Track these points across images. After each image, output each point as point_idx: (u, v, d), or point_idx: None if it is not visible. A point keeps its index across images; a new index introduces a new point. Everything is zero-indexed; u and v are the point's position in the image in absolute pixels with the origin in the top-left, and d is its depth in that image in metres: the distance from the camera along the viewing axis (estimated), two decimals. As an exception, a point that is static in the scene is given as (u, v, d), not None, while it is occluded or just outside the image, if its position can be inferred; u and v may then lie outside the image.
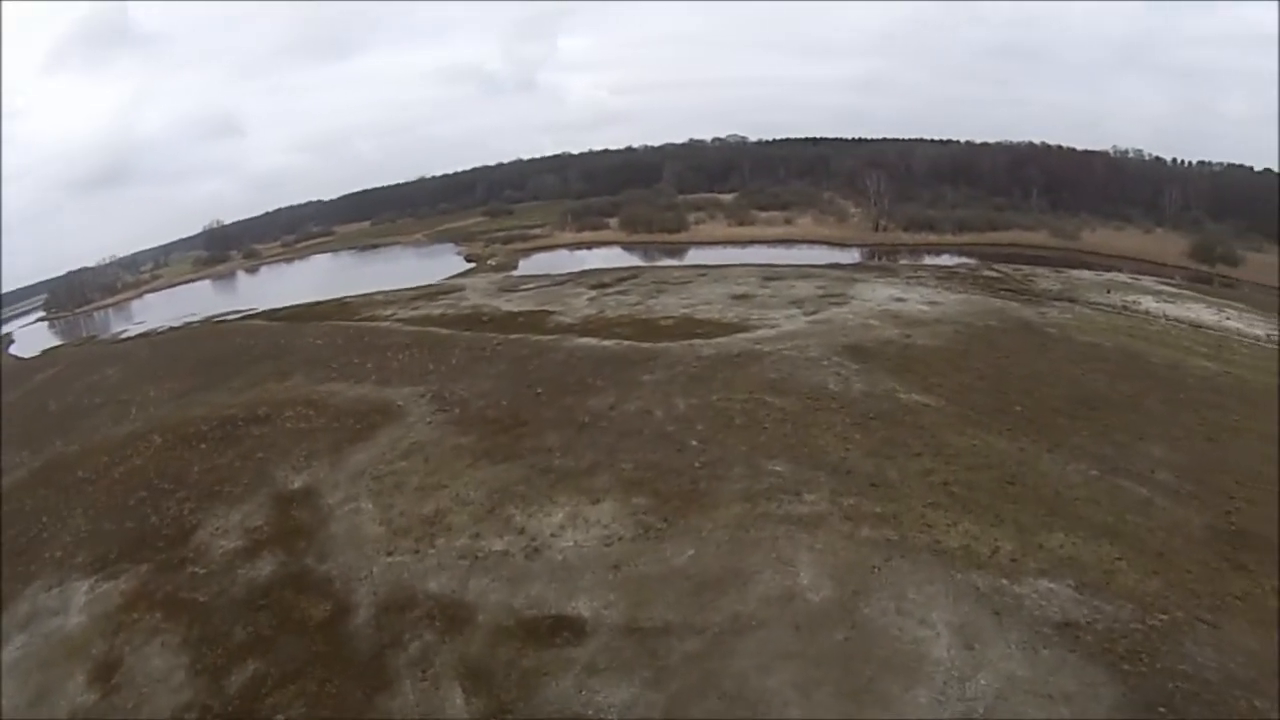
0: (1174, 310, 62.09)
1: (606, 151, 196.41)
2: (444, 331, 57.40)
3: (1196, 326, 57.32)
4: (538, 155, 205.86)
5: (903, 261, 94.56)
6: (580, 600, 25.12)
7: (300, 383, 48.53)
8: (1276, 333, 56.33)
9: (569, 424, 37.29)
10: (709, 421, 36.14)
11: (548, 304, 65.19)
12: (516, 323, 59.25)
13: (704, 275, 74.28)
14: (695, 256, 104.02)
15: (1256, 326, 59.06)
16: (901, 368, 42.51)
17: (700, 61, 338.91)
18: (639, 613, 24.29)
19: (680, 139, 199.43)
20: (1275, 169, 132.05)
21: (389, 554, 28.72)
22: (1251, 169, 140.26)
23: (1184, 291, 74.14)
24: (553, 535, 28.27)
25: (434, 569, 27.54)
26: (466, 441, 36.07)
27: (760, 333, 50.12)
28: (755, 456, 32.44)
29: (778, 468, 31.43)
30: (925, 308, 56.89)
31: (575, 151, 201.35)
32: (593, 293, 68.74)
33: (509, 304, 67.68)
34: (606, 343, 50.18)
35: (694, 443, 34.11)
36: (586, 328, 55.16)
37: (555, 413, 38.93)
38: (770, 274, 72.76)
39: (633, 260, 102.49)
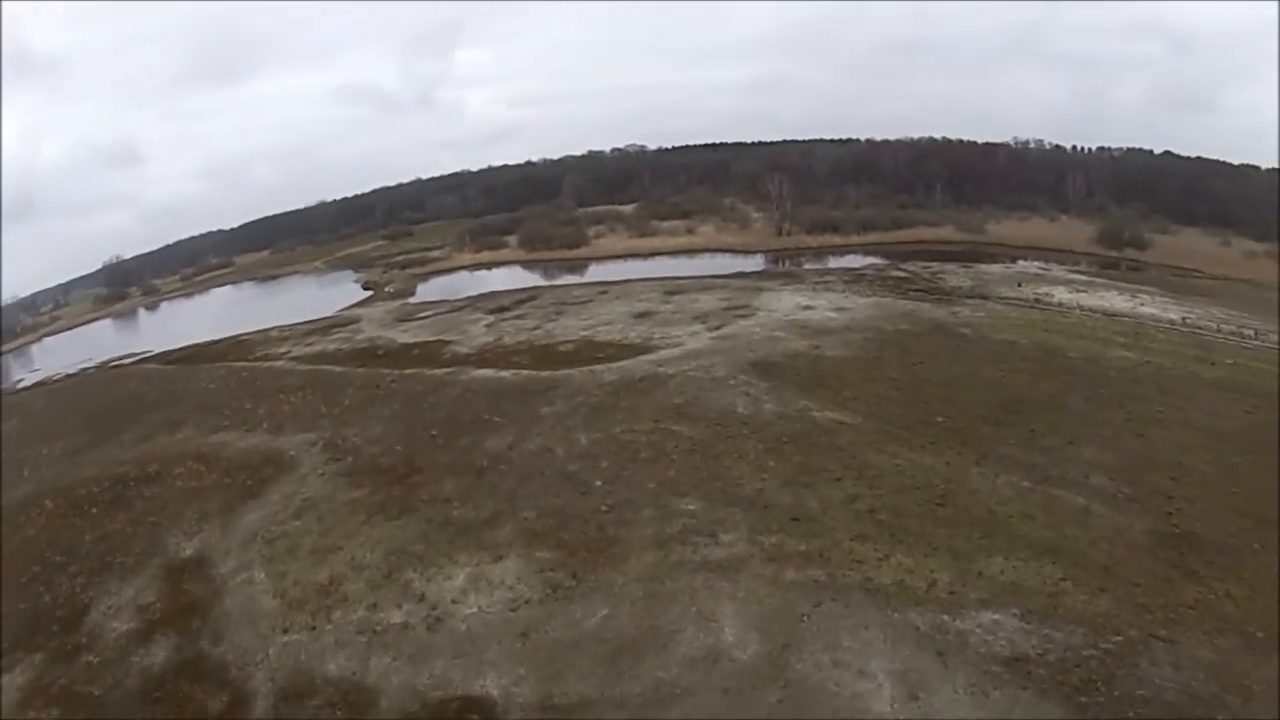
0: (1087, 300, 63.94)
1: (506, 167, 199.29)
2: (338, 369, 56.43)
3: (1111, 315, 59.02)
4: (437, 174, 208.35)
5: (808, 266, 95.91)
6: (488, 677, 23.66)
7: (192, 434, 47.41)
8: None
9: (466, 469, 36.09)
10: (613, 457, 35.11)
11: (444, 333, 64.00)
12: (412, 356, 57.97)
13: (604, 293, 74.16)
14: (596, 272, 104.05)
15: (1170, 310, 61.35)
16: (813, 383, 42.10)
17: (598, 71, 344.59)
18: (553, 687, 22.87)
19: (579, 151, 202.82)
20: (1175, 152, 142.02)
21: (285, 631, 27.13)
22: (1151, 152, 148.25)
23: (1095, 279, 76.99)
24: (454, 601, 26.86)
25: (332, 647, 25.95)
26: (360, 495, 35.23)
27: (664, 353, 49.54)
28: (665, 494, 31.39)
29: (690, 506, 30.37)
30: (834, 315, 57.06)
31: (475, 168, 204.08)
32: (490, 318, 67.93)
33: (405, 335, 66.39)
34: (504, 374, 49.24)
35: (599, 482, 33.00)
36: (484, 358, 54.22)
37: (452, 457, 37.72)
38: (673, 287, 72.90)
39: (533, 279, 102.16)
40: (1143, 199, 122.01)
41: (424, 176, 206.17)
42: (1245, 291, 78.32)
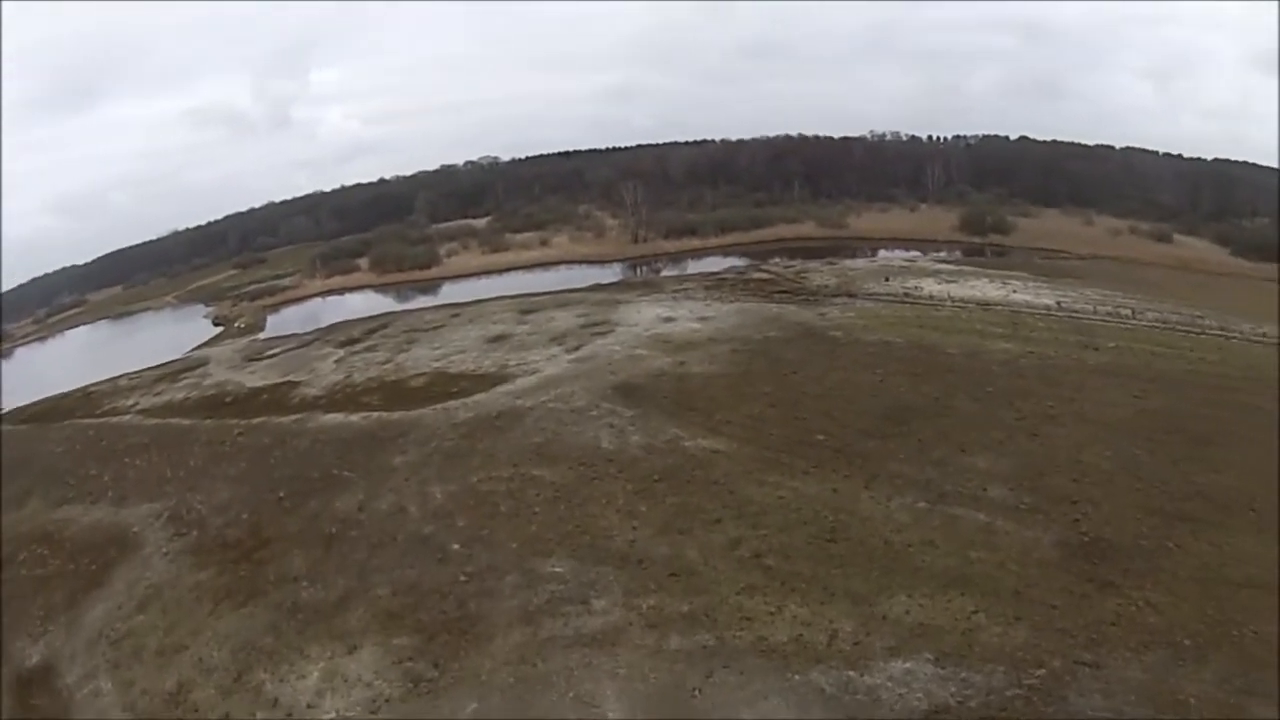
0: (958, 290, 65.50)
1: (358, 186, 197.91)
2: (185, 423, 53.95)
3: (985, 305, 60.55)
4: (290, 196, 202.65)
5: (667, 273, 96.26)
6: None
7: (37, 509, 45.20)
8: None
9: (315, 538, 34.10)
10: (471, 512, 33.41)
11: (293, 373, 61.38)
12: (260, 402, 55.47)
13: (457, 315, 72.30)
14: (450, 292, 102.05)
15: (1043, 295, 63.43)
16: (680, 405, 41.19)
17: (452, 84, 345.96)
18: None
19: (433, 166, 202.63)
20: (1030, 137, 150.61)
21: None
22: (1007, 138, 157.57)
23: (964, 268, 79.37)
24: (310, 705, 24.75)
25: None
26: (206, 577, 33.55)
27: (520, 382, 48.24)
28: (529, 555, 29.73)
29: (557, 568, 28.75)
30: (697, 325, 56.60)
31: (328, 189, 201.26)
32: (340, 352, 65.46)
33: (253, 377, 63.34)
34: (354, 418, 47.22)
35: (456, 546, 31.21)
36: (333, 400, 52.11)
37: (300, 523, 35.70)
38: (528, 305, 71.76)
39: (386, 303, 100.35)
40: (1001, 184, 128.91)
41: (277, 199, 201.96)
42: (1115, 270, 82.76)
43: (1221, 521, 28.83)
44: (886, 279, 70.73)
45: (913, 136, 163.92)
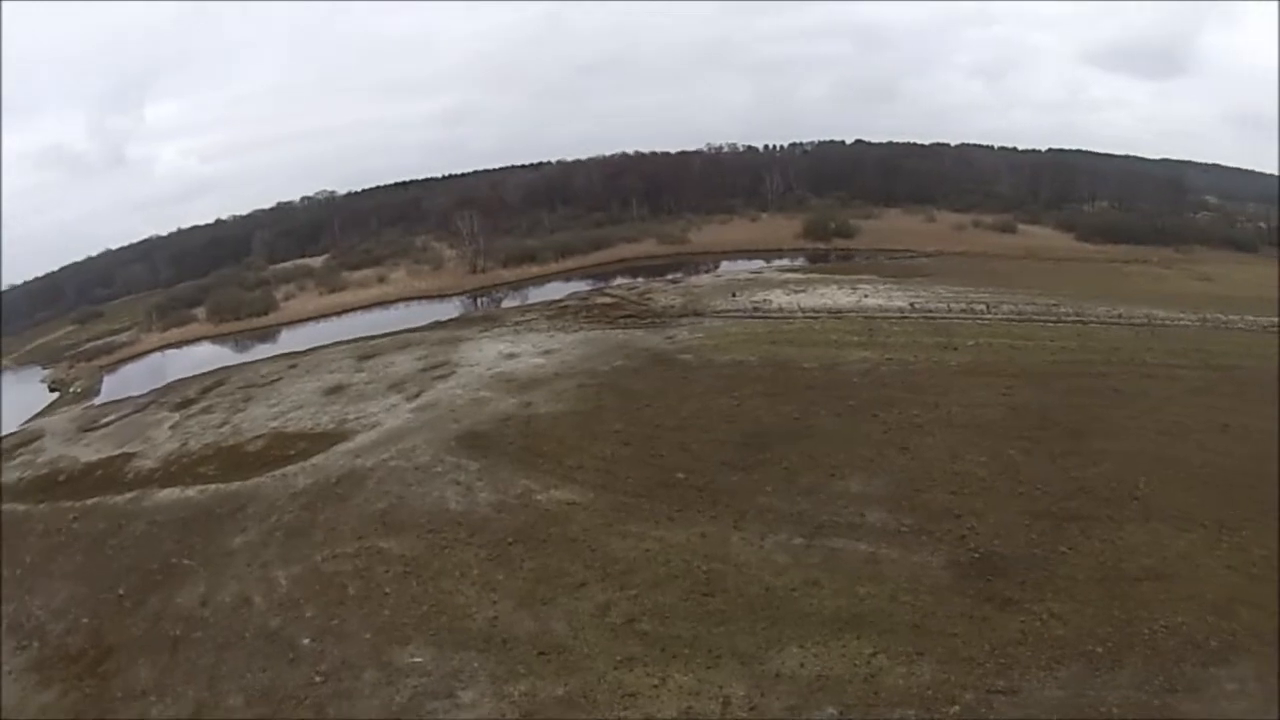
0: (808, 300, 66.24)
1: (195, 228, 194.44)
2: (20, 508, 50.56)
3: (837, 313, 61.35)
4: (126, 242, 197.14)
5: (508, 304, 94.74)
6: None
7: None
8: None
9: (160, 642, 31.70)
10: (318, 599, 31.31)
11: (128, 443, 57.51)
12: (94, 479, 51.83)
13: (294, 366, 69.02)
14: (289, 339, 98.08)
15: (896, 298, 64.82)
16: (529, 452, 39.81)
17: (290, 114, 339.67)
18: None
19: (269, 204, 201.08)
20: (866, 140, 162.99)
21: None
22: (843, 143, 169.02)
23: (811, 275, 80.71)
24: None
25: None
26: (52, 698, 31.26)
27: (361, 438, 46.07)
28: (385, 645, 27.85)
29: (417, 658, 26.96)
30: (540, 360, 55.43)
31: (164, 232, 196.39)
32: (175, 416, 61.87)
33: (88, 450, 58.99)
34: (191, 492, 44.45)
35: (307, 640, 29.08)
36: (169, 473, 48.93)
37: (143, 625, 33.23)
38: (366, 350, 69.25)
39: (224, 354, 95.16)
40: (841, 188, 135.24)
41: (114, 246, 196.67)
42: (963, 265, 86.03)
43: (1109, 516, 29.56)
44: (733, 294, 70.95)
45: (750, 147, 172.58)
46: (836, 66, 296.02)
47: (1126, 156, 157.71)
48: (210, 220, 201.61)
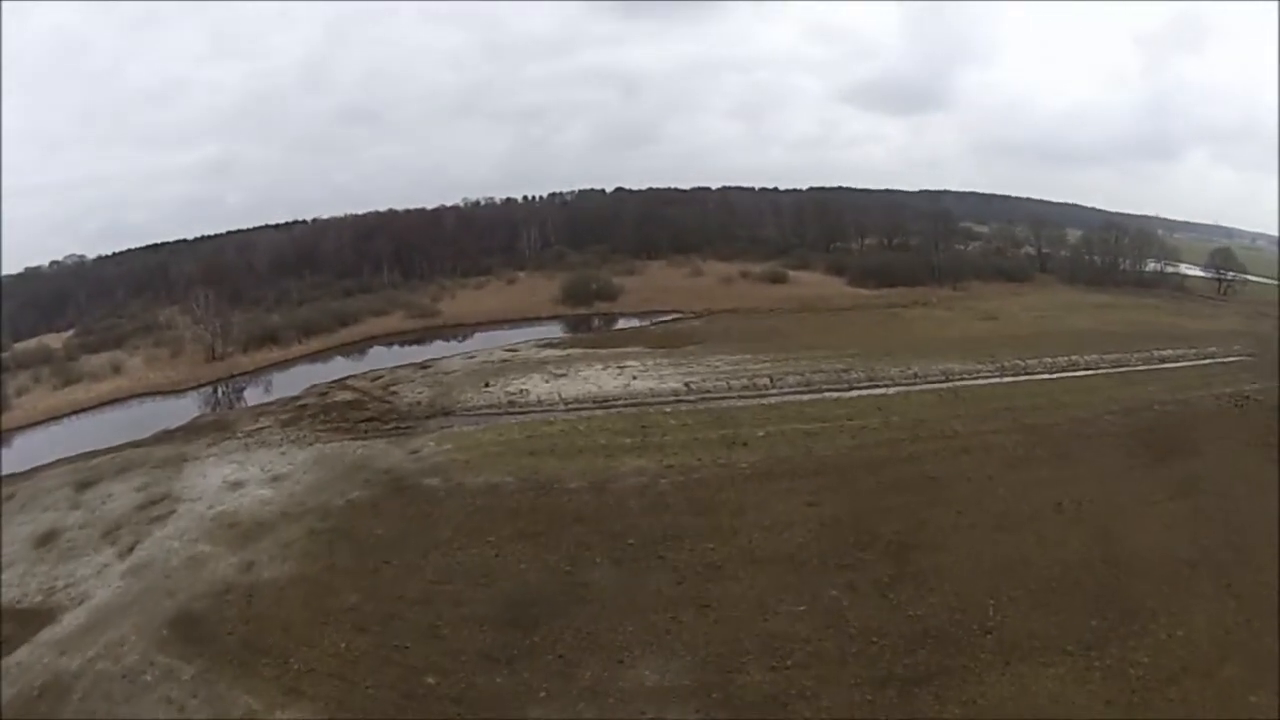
0: (570, 387, 59.73)
1: None
2: None
3: (603, 403, 55.23)
4: None
5: (246, 400, 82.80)
6: None
7: None
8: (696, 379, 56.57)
9: None
10: None
11: None
12: None
13: (12, 498, 54.94)
14: (20, 450, 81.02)
15: (668, 377, 59.32)
16: (250, 649, 31.05)
17: (37, 166, 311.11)
18: None
19: (17, 268, 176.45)
20: (626, 187, 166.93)
21: None
22: (603, 191, 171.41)
23: (571, 352, 74.13)
24: None
25: None
26: None
27: (68, 619, 35.92)
28: None
29: None
30: (268, 493, 45.96)
31: None
32: None
33: None
34: None
35: None
36: None
37: None
38: (86, 474, 56.23)
39: None
40: (600, 240, 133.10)
41: None
42: (737, 325, 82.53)
43: (963, 665, 25.61)
44: (486, 384, 63.16)
45: (509, 199, 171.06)
46: (598, 110, 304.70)
47: (887, 190, 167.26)
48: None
